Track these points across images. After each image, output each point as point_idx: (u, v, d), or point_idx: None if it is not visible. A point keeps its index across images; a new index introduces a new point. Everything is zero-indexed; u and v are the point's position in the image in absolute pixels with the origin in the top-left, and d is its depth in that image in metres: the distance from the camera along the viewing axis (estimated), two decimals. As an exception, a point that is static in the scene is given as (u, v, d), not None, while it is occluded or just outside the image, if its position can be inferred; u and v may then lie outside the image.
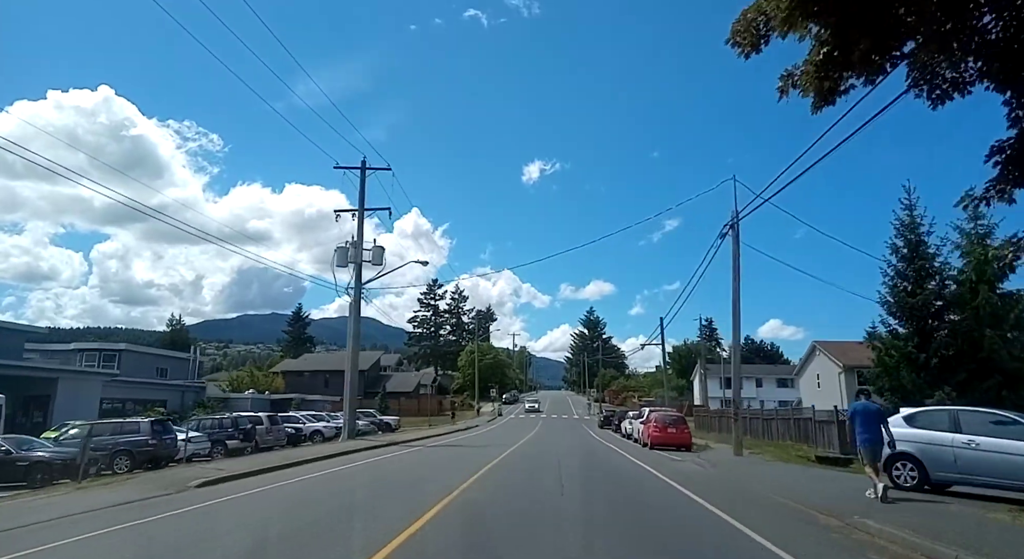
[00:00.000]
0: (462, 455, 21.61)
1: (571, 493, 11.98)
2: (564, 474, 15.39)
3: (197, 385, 53.27)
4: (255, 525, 8.77)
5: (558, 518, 9.22)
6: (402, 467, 18.09)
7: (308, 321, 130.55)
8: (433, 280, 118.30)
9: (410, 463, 19.32)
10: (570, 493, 11.97)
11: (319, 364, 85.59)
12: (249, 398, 56.63)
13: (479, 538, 7.87)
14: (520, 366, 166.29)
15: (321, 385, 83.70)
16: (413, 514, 9.08)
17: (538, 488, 12.76)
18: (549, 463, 18.75)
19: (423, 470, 16.87)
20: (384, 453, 22.24)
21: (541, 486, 13.05)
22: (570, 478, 14.67)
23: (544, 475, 15.17)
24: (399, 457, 20.93)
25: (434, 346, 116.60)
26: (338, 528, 8.43)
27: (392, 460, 20.07)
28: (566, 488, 12.68)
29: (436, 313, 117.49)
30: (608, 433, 43.22)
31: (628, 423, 35.61)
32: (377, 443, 26.20)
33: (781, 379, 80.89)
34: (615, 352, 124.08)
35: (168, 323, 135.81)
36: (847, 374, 40.64)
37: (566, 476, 14.97)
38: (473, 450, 24.08)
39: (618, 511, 10.17)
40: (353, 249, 28.10)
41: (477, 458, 19.84)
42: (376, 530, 7.94)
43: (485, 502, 10.73)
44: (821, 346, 43.91)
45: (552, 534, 8.01)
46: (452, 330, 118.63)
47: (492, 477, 14.73)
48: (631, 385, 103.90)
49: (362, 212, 29.20)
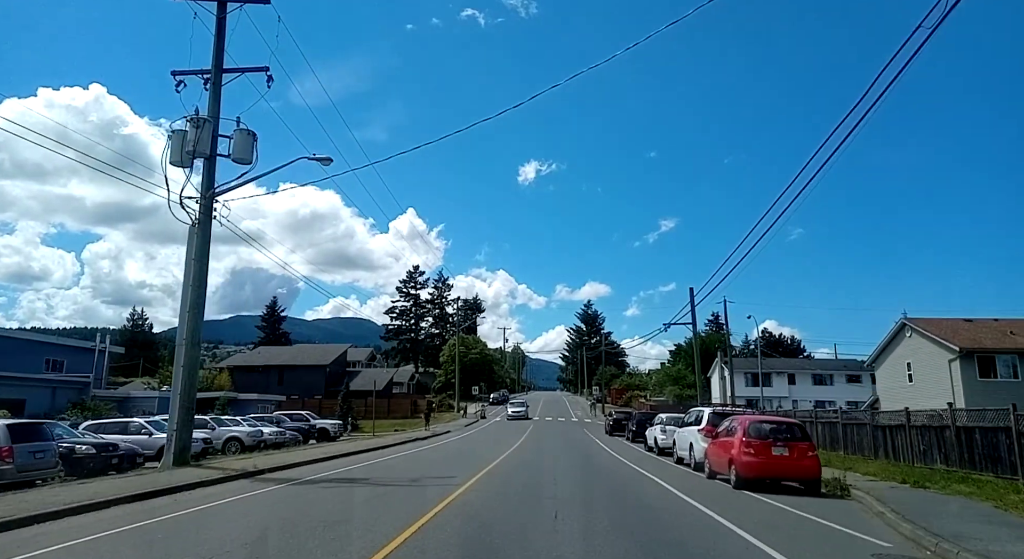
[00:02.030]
0: (356, 509, 9.47)
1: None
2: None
3: (79, 381, 40.59)
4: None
5: None
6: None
7: (283, 316, 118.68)
8: (414, 267, 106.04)
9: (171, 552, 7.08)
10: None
11: (273, 358, 73.25)
12: (157, 397, 44.27)
13: None
14: (513, 365, 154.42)
15: (274, 382, 71.48)
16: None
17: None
18: (540, 530, 6.76)
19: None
20: (172, 507, 10.00)
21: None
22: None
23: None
24: (177, 524, 8.61)
25: (414, 340, 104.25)
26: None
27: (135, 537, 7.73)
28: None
29: (417, 303, 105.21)
30: (620, 443, 31.16)
31: (660, 431, 23.55)
32: (224, 473, 13.98)
33: (817, 375, 69.10)
34: (615, 348, 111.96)
35: (129, 318, 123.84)
36: (964, 362, 28.74)
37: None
38: (394, 493, 11.94)
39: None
40: (195, 131, 15.87)
41: (385, 516, 7.83)
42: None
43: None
44: (916, 325, 31.95)
45: None
46: (435, 322, 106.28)
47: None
48: (635, 383, 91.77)
49: (219, 73, 16.97)
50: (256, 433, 26.06)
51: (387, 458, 20.30)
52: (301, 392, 69.95)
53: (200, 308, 16.25)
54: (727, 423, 14.24)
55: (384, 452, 23.62)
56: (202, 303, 16.33)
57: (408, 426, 57.50)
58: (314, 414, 41.71)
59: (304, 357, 73.52)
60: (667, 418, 24.21)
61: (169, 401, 45.81)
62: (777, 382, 66.98)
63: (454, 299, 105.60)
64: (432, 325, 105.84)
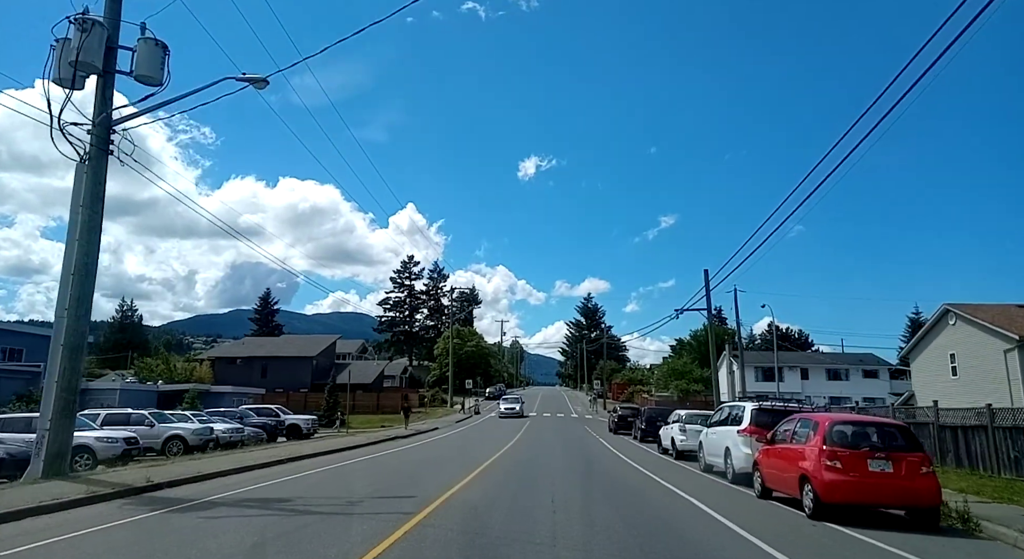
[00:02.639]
0: None
1: None
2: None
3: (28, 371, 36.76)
4: None
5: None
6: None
7: (276, 309, 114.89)
8: (409, 257, 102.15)
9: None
10: None
11: (257, 349, 69.34)
12: (119, 389, 40.62)
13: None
14: (512, 360, 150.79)
15: (258, 374, 67.68)
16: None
17: None
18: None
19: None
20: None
21: None
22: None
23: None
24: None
25: (408, 333, 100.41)
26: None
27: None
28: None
29: (411, 294, 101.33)
30: (628, 443, 27.43)
31: (679, 431, 19.75)
32: (104, 488, 10.16)
33: (832, 370, 65.22)
34: (615, 341, 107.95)
35: (118, 309, 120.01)
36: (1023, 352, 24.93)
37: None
38: (305, 531, 8.02)
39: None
40: (82, 36, 11.95)
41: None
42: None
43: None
44: (962, 311, 28.09)
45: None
46: (430, 314, 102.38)
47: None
48: (637, 378, 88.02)
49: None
50: (204, 431, 22.23)
51: (345, 464, 16.47)
52: (286, 385, 66.20)
53: (90, 269, 12.38)
54: (789, 424, 10.38)
55: (348, 455, 19.80)
56: (93, 263, 12.46)
57: (397, 422, 53.87)
58: (285, 409, 37.93)
59: (290, 348, 69.64)
60: (687, 415, 20.36)
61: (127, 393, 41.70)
62: (789, 377, 63.16)
63: (450, 291, 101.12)
64: (427, 317, 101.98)
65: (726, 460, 13.53)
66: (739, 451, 12.74)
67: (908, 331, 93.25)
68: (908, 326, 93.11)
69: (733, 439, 13.15)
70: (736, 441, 12.96)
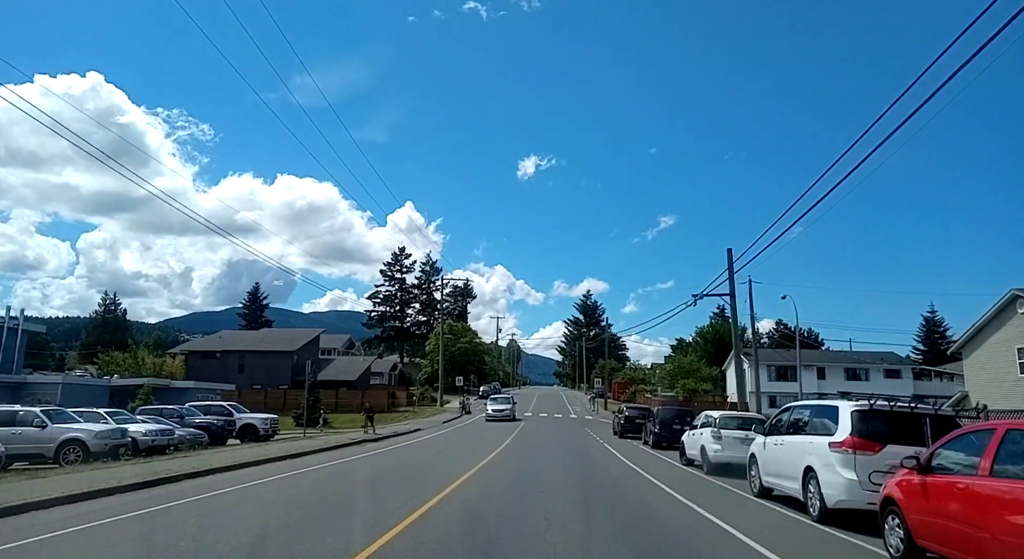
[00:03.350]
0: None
1: None
2: None
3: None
4: None
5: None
6: None
7: (265, 304, 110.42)
8: (400, 248, 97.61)
9: None
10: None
11: (234, 343, 64.84)
12: (60, 384, 36.31)
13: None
14: (509, 359, 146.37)
15: (234, 369, 63.22)
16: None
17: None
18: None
19: None
20: None
21: None
22: None
23: None
24: None
25: (399, 328, 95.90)
26: None
27: None
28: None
29: (402, 288, 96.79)
30: (638, 450, 23.10)
31: (712, 439, 15.36)
32: None
33: (851, 369, 60.78)
34: (615, 340, 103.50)
35: (101, 302, 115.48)
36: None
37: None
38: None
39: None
40: None
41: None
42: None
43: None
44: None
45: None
46: (422, 309, 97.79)
47: None
48: (638, 377, 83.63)
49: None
50: (112, 434, 17.76)
51: (271, 480, 12.09)
52: (265, 381, 61.78)
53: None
54: (958, 443, 6.00)
55: (291, 465, 15.42)
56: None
57: (387, 420, 49.66)
58: (240, 407, 33.61)
59: (270, 342, 65.19)
60: (722, 418, 15.94)
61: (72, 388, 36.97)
62: (805, 376, 58.58)
63: (441, 281, 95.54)
64: (419, 312, 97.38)
65: (806, 486, 9.14)
66: (835, 476, 8.35)
67: (923, 330, 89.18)
68: (923, 325, 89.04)
69: (822, 456, 8.76)
70: (829, 460, 8.57)
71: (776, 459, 10.61)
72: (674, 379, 62.22)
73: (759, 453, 11.51)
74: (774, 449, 10.76)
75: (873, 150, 11.17)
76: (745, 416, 16.27)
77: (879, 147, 10.76)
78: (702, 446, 15.85)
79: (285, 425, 53.46)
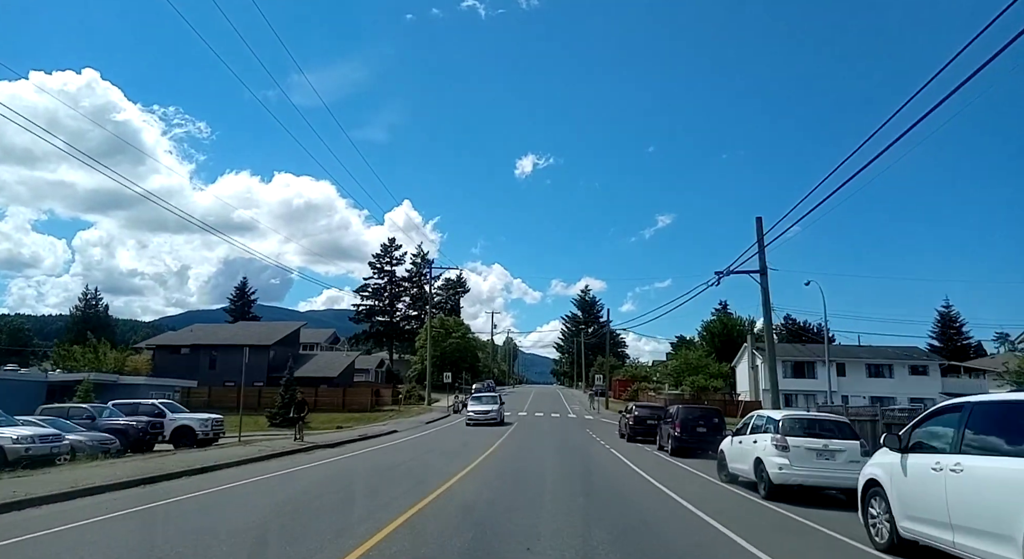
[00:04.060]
0: None
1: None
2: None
3: None
4: None
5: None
6: None
7: (253, 300, 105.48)
8: (390, 240, 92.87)
9: None
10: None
11: (205, 337, 60.06)
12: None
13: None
14: (505, 357, 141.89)
15: (205, 365, 58.51)
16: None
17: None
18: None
19: None
20: None
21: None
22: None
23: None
24: None
25: (389, 323, 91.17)
26: None
27: None
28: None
29: (392, 281, 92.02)
30: (655, 458, 18.49)
31: (774, 449, 10.68)
32: None
33: (873, 365, 56.25)
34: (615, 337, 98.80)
35: (81, 297, 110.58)
36: None
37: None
38: None
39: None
40: None
41: None
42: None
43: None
44: None
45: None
46: (413, 303, 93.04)
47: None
48: (640, 374, 78.96)
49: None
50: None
51: (111, 517, 7.47)
52: (239, 378, 56.95)
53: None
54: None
55: (184, 487, 10.79)
56: None
57: (367, 420, 45.12)
58: (179, 406, 28.94)
59: (244, 336, 60.32)
60: (788, 420, 11.27)
61: (8, 385, 32.05)
62: (822, 373, 54.21)
63: (426, 265, 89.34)
64: (409, 306, 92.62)
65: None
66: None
67: (938, 325, 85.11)
68: (937, 320, 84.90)
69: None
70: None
71: (948, 492, 5.99)
72: (680, 376, 57.71)
73: (895, 482, 6.87)
74: (943, 478, 6.17)
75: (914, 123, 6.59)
76: (821, 418, 11.68)
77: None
78: (757, 459, 11.23)
79: (258, 425, 48.90)
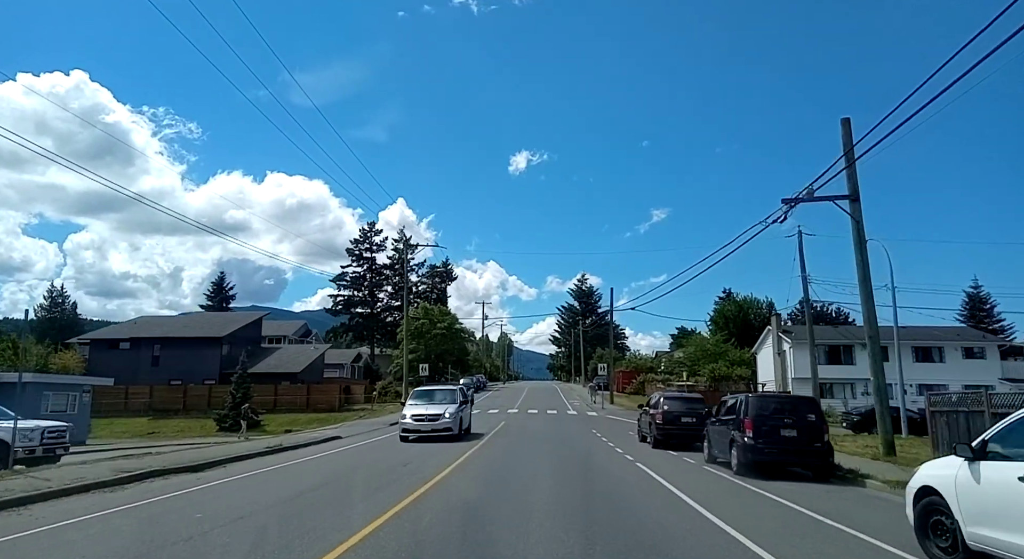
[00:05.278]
0: None
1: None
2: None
3: None
4: None
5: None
6: None
7: (231, 295, 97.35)
8: (370, 224, 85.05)
9: None
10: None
11: (150, 330, 52.16)
12: None
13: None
14: (500, 352, 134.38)
15: (146, 361, 50.76)
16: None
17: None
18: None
19: None
20: None
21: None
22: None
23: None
24: None
25: (369, 315, 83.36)
26: None
27: None
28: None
29: (372, 269, 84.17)
30: (718, 481, 10.84)
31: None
32: None
33: (921, 348, 48.70)
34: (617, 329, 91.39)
35: (47, 294, 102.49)
36: None
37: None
38: None
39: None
40: None
41: None
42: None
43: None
44: None
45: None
46: (395, 293, 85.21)
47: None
48: (645, 365, 71.56)
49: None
50: None
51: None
52: (187, 376, 49.36)
53: None
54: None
55: None
56: None
57: (331, 421, 37.95)
58: (5, 410, 20.77)
59: (194, 329, 52.69)
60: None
61: None
62: (860, 358, 46.84)
63: (404, 243, 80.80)
64: (392, 296, 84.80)
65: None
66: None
67: (966, 307, 78.32)
68: (965, 302, 77.96)
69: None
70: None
71: None
72: (696, 364, 50.39)
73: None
74: None
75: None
76: None
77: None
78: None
79: (207, 429, 41.17)
